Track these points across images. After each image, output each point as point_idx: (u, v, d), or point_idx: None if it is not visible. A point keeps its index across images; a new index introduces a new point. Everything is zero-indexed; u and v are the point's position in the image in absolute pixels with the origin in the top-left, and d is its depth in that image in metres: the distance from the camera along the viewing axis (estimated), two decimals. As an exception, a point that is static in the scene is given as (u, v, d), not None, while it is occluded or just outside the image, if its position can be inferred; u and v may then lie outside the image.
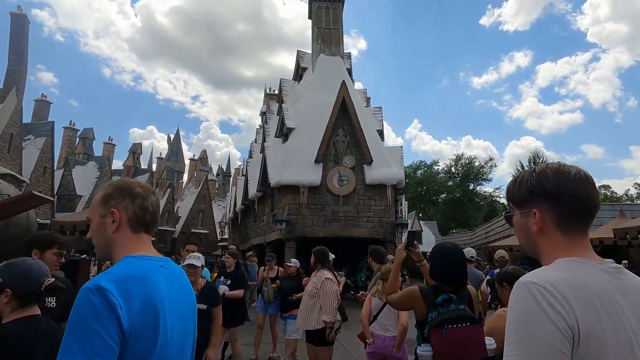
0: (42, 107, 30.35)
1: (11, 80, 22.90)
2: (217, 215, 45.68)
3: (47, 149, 26.91)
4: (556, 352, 0.76)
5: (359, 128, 14.37)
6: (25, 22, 23.54)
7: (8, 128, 22.20)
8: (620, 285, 0.86)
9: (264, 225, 16.81)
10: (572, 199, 0.91)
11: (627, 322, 0.81)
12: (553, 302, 0.78)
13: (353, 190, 14.28)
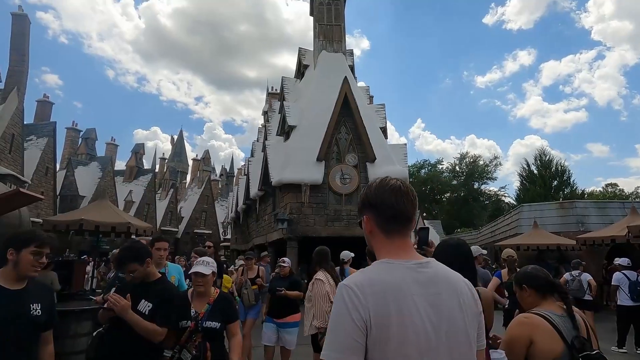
0: (44, 108, 30.28)
1: (12, 80, 22.79)
2: (220, 216, 45.54)
3: (49, 150, 26.82)
4: (353, 342, 0.96)
5: (362, 125, 14.07)
6: (26, 22, 23.42)
7: (9, 128, 22.10)
8: (420, 277, 1.05)
9: (265, 224, 16.55)
10: (386, 207, 1.12)
11: (418, 305, 1.00)
12: (355, 300, 0.98)
13: (356, 189, 13.98)
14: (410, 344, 0.97)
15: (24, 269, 1.89)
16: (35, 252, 1.91)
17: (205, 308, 2.60)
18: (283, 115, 16.28)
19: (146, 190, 37.76)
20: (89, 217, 7.11)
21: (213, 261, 2.82)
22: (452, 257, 2.02)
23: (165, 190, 42.52)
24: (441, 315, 1.02)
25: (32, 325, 1.91)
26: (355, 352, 0.96)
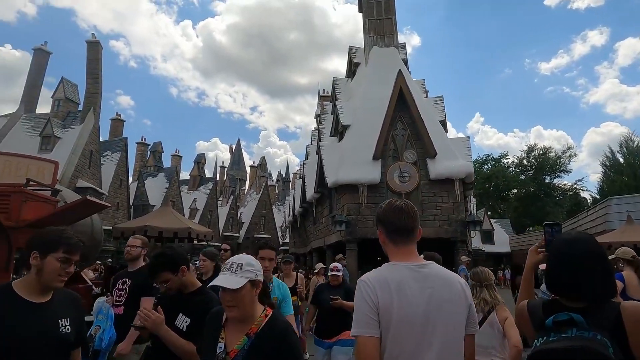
0: (117, 126, 32.96)
1: (89, 101, 24.99)
2: (278, 220, 46.39)
3: (122, 163, 29.04)
4: (369, 319, 1.34)
5: (420, 119, 13.27)
6: (99, 48, 25.58)
7: (88, 146, 24.21)
8: (417, 275, 1.41)
9: (323, 227, 16.27)
10: (390, 223, 1.49)
11: (414, 295, 1.37)
12: (368, 290, 1.38)
13: (416, 187, 13.20)
14: (406, 321, 1.33)
15: (49, 278, 1.58)
16: (64, 259, 1.60)
17: (242, 343, 1.50)
18: (336, 115, 15.95)
19: (208, 197, 39.53)
20: (153, 223, 7.28)
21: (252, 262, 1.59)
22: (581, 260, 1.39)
23: (226, 197, 44.26)
24: (431, 303, 1.36)
25: (62, 344, 1.62)
26: (371, 326, 1.33)
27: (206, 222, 38.81)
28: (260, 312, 1.56)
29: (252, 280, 1.52)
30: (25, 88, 26.68)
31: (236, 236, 42.31)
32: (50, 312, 1.60)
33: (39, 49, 26.76)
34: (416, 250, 1.49)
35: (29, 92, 26.61)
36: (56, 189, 6.22)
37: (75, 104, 26.44)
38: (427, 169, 13.16)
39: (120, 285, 3.38)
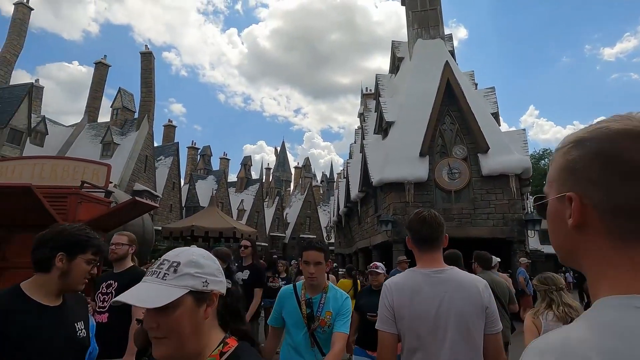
0: (169, 131, 34.67)
1: (143, 109, 26.47)
2: (323, 220, 46.44)
3: (174, 167, 30.46)
4: (387, 317, 1.60)
5: (470, 112, 12.51)
6: (151, 58, 27.02)
7: (143, 151, 25.64)
8: (432, 280, 1.60)
9: (368, 227, 15.89)
10: (414, 232, 1.67)
11: (427, 299, 1.56)
12: (387, 293, 1.65)
13: (467, 184, 12.45)
14: (419, 321, 1.55)
15: (77, 280, 1.48)
16: (91, 261, 1.51)
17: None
18: (380, 112, 15.52)
19: (255, 198, 40.43)
20: (199, 223, 7.39)
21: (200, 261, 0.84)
22: None
23: (272, 198, 45.04)
24: (443, 305, 1.54)
25: (81, 349, 1.52)
26: (388, 324, 1.61)
27: (253, 223, 39.72)
28: (215, 347, 0.89)
29: (196, 292, 0.87)
30: (88, 99, 28.83)
31: (282, 236, 42.91)
32: (67, 316, 1.50)
33: (99, 62, 28.79)
34: (440, 256, 1.68)
35: (91, 103, 28.72)
36: (109, 191, 6.48)
37: (131, 112, 28.13)
38: (479, 164, 12.36)
39: (105, 288, 2.91)
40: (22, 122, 21.98)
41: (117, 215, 5.75)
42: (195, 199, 34.20)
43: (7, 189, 4.78)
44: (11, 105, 21.83)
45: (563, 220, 0.56)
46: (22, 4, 26.30)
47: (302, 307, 2.10)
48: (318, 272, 2.09)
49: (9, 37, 25.66)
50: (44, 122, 25.68)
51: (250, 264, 4.48)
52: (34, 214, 5.10)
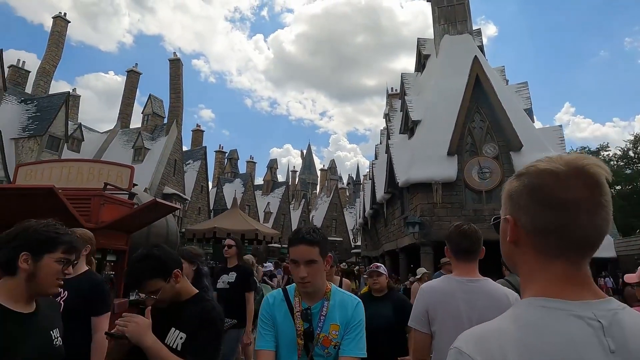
0: (197, 136, 35.43)
1: (172, 114, 27.15)
2: (350, 223, 46.05)
3: (202, 170, 31.04)
4: (418, 316, 1.77)
5: (501, 108, 11.92)
6: (180, 64, 27.70)
7: (172, 155, 26.26)
8: (465, 288, 1.72)
9: (395, 229, 15.48)
10: (454, 245, 1.80)
11: (458, 304, 1.69)
12: (423, 295, 1.80)
13: (499, 184, 11.85)
14: (449, 325, 1.65)
15: (47, 282, 1.30)
16: (62, 260, 1.33)
17: None
18: (405, 111, 15.11)
19: (281, 201, 40.61)
20: (221, 225, 7.34)
21: None
22: None
23: (298, 200, 45.13)
24: (474, 311, 1.64)
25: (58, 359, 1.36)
26: (422, 324, 1.75)
27: (279, 225, 39.89)
28: None
29: None
30: (121, 106, 29.90)
31: (308, 239, 42.88)
32: (41, 323, 1.34)
33: (130, 70, 29.82)
34: (476, 266, 1.79)
35: (123, 110, 29.77)
36: (132, 193, 6.53)
37: (161, 117, 28.93)
38: (512, 163, 11.75)
39: None
40: (60, 129, 23.02)
41: (139, 217, 5.76)
42: (222, 201, 34.73)
43: (30, 190, 4.86)
44: (50, 113, 22.93)
45: (505, 236, 0.71)
46: (60, 17, 27.66)
47: (296, 320, 1.55)
48: (312, 274, 1.50)
49: (48, 49, 27.02)
50: (80, 129, 26.82)
51: (236, 265, 4.13)
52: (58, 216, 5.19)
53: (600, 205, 0.65)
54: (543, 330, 0.59)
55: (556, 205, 0.64)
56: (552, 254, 0.66)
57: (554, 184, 0.65)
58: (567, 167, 0.65)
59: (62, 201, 4.74)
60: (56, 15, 27.44)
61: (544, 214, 0.64)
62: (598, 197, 0.65)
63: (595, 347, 0.58)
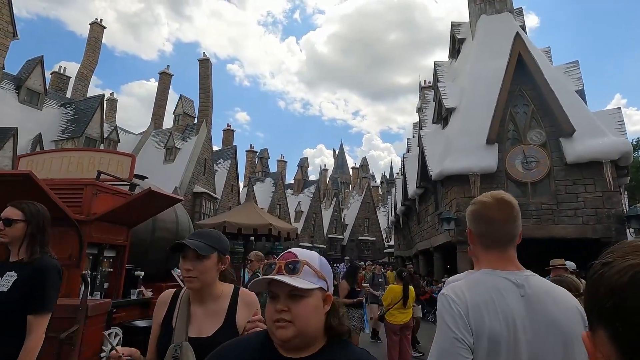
0: (228, 135, 35.59)
1: (202, 114, 27.26)
2: (383, 222, 44.73)
3: (233, 170, 31.03)
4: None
5: (548, 89, 10.55)
6: (208, 64, 27.79)
7: (202, 154, 26.33)
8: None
9: (428, 227, 14.34)
10: None
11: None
12: None
13: (547, 174, 10.50)
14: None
15: None
16: None
17: None
18: (438, 99, 13.95)
19: (312, 200, 40.04)
20: (232, 219, 6.72)
21: None
22: None
23: (329, 199, 44.40)
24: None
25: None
26: None
27: (311, 225, 39.33)
28: None
29: None
30: (154, 108, 30.49)
31: (340, 238, 42.02)
32: None
33: (162, 72, 30.35)
34: None
35: (156, 111, 30.34)
36: (133, 183, 6.02)
37: (191, 117, 29.20)
38: (562, 151, 10.36)
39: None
40: (96, 130, 23.65)
41: (135, 209, 5.22)
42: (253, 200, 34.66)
43: (6, 177, 4.42)
44: (86, 115, 23.61)
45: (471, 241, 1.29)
46: (97, 24, 28.57)
47: None
48: None
49: (86, 55, 27.98)
50: (116, 131, 27.53)
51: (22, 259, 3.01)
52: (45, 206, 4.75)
53: (508, 220, 1.18)
54: (483, 281, 1.16)
55: (484, 220, 1.20)
56: (488, 247, 1.21)
57: (483, 209, 1.21)
58: (491, 198, 1.21)
59: (41, 188, 4.25)
60: (93, 21, 28.37)
61: (480, 226, 1.23)
62: (507, 216, 1.18)
63: (512, 291, 1.10)
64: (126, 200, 4.97)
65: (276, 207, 36.05)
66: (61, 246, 4.93)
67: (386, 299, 5.11)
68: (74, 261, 4.91)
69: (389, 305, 5.02)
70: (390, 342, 5.05)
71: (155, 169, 25.52)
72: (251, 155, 40.63)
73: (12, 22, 20.17)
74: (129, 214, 5.35)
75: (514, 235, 1.18)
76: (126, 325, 4.17)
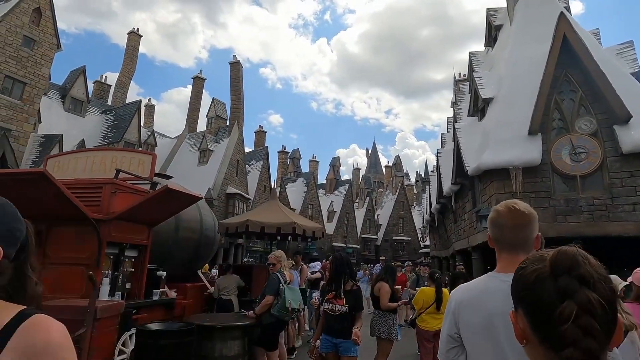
0: (260, 137, 35.91)
1: (234, 116, 27.60)
2: (418, 221, 43.47)
3: (265, 170, 31.23)
4: None
5: (599, 72, 9.55)
6: (239, 67, 28.10)
7: (234, 155, 26.65)
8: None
9: (465, 225, 13.52)
10: None
11: None
12: None
13: (599, 166, 9.51)
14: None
15: None
16: None
17: None
18: (474, 90, 13.12)
19: (344, 200, 39.58)
20: (254, 218, 6.49)
21: None
22: None
23: (362, 199, 43.73)
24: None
25: None
26: None
27: (344, 225, 38.88)
28: None
29: None
30: (188, 112, 31.27)
31: (374, 238, 41.24)
32: None
33: (196, 77, 31.07)
34: None
35: (190, 115, 31.09)
36: (154, 182, 5.92)
37: (224, 120, 29.65)
38: (616, 139, 9.33)
39: None
40: (134, 135, 24.53)
41: (153, 207, 5.09)
42: (285, 201, 34.71)
43: (22, 176, 4.38)
44: (125, 121, 24.55)
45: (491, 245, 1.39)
46: (134, 33, 29.71)
47: None
48: None
49: (124, 63, 29.16)
50: (153, 135, 28.48)
51: None
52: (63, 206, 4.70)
53: (518, 227, 1.29)
54: (479, 282, 1.34)
55: (497, 226, 1.32)
56: (501, 250, 1.32)
57: (497, 216, 1.33)
58: (504, 207, 1.33)
59: (57, 186, 4.18)
60: (130, 31, 29.53)
61: (494, 231, 1.34)
62: (517, 223, 1.28)
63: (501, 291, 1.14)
64: (144, 198, 4.85)
65: (308, 207, 35.92)
66: (81, 246, 4.92)
67: (417, 302, 4.64)
68: (93, 261, 4.87)
69: (421, 310, 4.55)
70: (424, 350, 4.59)
71: (190, 171, 26.11)
72: (283, 156, 40.81)
73: (56, 35, 21.29)
74: (147, 212, 5.24)
75: (524, 240, 1.29)
76: (139, 328, 3.98)
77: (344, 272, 3.49)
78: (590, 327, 0.58)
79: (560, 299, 0.61)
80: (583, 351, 0.58)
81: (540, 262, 0.67)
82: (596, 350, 0.58)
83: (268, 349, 4.49)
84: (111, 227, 4.85)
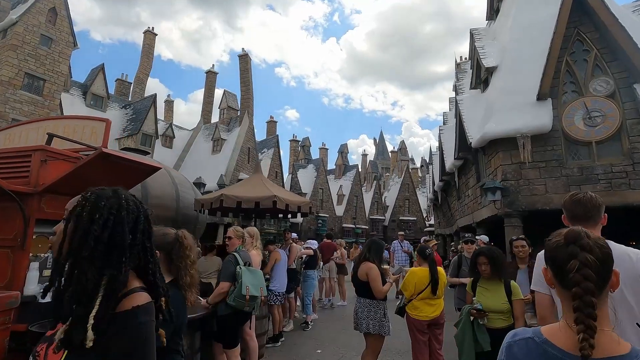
0: (271, 126, 34.67)
1: (244, 106, 26.36)
2: (423, 203, 41.82)
3: (276, 157, 30.05)
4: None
5: (618, 27, 7.83)
6: (248, 59, 26.72)
7: (245, 144, 25.49)
8: None
9: (469, 201, 12.01)
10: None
11: None
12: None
13: (617, 130, 7.87)
14: None
15: None
16: None
17: None
18: (476, 60, 11.46)
19: (353, 184, 38.20)
20: (230, 192, 5.27)
21: None
22: None
23: (370, 182, 42.27)
24: None
25: None
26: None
27: (352, 207, 37.58)
28: None
29: None
30: (203, 104, 30.19)
31: (382, 219, 39.86)
32: None
33: (209, 71, 29.87)
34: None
35: (205, 107, 30.01)
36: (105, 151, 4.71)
37: (235, 110, 28.47)
38: (638, 99, 7.66)
39: None
40: (151, 127, 23.60)
41: (91, 177, 3.90)
42: (297, 186, 33.59)
43: None
44: (142, 114, 23.63)
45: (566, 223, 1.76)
46: (149, 32, 28.60)
47: None
48: None
49: (141, 60, 28.14)
50: (171, 128, 27.56)
51: None
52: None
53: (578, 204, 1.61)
54: None
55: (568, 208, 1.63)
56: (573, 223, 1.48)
57: (566, 202, 1.65)
58: (569, 196, 1.65)
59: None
60: (145, 30, 28.43)
61: (567, 210, 1.66)
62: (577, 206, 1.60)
63: None
64: (75, 166, 3.68)
65: (319, 191, 34.72)
66: (6, 224, 3.77)
67: (407, 287, 3.27)
68: (18, 242, 3.73)
69: (412, 296, 3.20)
70: (417, 344, 3.25)
71: (205, 159, 25.14)
72: (294, 144, 39.56)
73: (72, 33, 20.27)
74: (90, 183, 4.09)
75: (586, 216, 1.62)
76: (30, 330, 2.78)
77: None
78: (588, 275, 0.81)
79: (569, 259, 0.85)
80: (584, 289, 0.81)
81: (559, 236, 0.91)
82: (592, 289, 0.80)
83: (225, 345, 3.26)
84: (42, 201, 3.68)
